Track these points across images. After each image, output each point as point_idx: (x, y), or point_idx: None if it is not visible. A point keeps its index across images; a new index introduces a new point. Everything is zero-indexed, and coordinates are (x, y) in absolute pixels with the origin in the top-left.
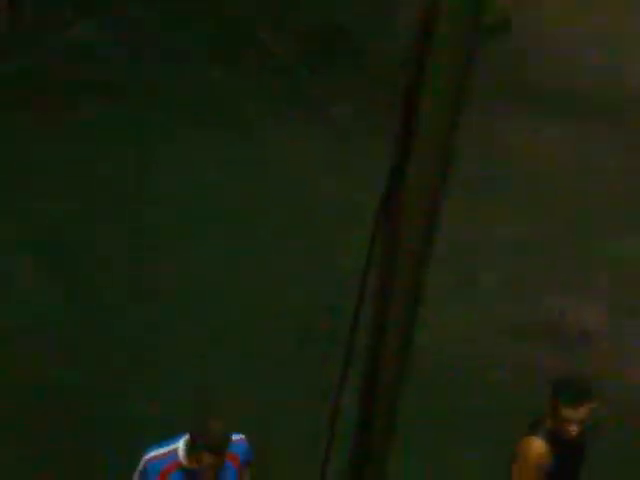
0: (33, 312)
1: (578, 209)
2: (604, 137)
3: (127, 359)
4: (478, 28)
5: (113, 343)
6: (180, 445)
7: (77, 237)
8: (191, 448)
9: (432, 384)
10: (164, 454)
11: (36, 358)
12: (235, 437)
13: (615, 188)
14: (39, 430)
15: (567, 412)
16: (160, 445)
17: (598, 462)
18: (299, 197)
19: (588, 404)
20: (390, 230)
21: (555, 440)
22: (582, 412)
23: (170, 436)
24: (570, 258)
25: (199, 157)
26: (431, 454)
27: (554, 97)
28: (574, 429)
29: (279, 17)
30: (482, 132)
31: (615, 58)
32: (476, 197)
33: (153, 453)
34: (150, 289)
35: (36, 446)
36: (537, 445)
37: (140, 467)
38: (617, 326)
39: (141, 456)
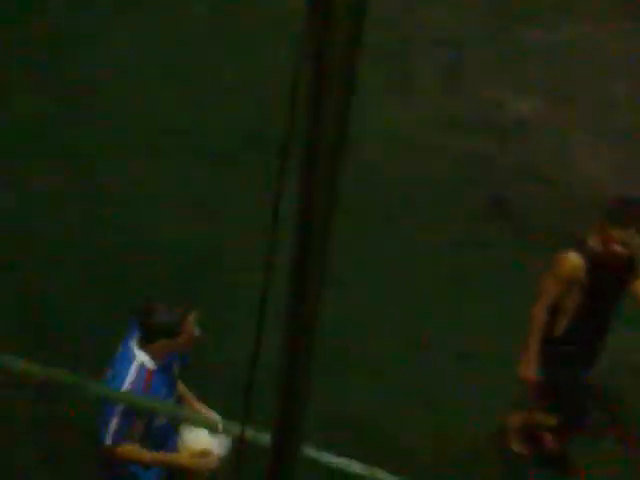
0: None
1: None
2: None
3: None
4: None
5: None
6: (140, 355)
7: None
8: (156, 337)
9: (375, 178)
10: (134, 378)
11: None
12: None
13: None
14: None
15: (615, 231)
16: (122, 375)
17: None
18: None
19: (636, 228)
20: (320, 24)
21: (595, 259)
22: (629, 234)
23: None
24: (505, 50)
25: None
26: (382, 246)
27: None
28: (618, 249)
29: None
30: None
31: None
32: None
33: (125, 386)
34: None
35: None
36: (573, 258)
37: (121, 409)
38: (552, 115)
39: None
